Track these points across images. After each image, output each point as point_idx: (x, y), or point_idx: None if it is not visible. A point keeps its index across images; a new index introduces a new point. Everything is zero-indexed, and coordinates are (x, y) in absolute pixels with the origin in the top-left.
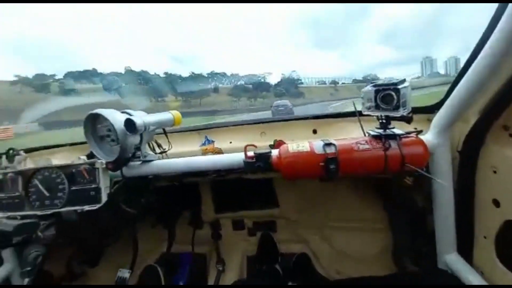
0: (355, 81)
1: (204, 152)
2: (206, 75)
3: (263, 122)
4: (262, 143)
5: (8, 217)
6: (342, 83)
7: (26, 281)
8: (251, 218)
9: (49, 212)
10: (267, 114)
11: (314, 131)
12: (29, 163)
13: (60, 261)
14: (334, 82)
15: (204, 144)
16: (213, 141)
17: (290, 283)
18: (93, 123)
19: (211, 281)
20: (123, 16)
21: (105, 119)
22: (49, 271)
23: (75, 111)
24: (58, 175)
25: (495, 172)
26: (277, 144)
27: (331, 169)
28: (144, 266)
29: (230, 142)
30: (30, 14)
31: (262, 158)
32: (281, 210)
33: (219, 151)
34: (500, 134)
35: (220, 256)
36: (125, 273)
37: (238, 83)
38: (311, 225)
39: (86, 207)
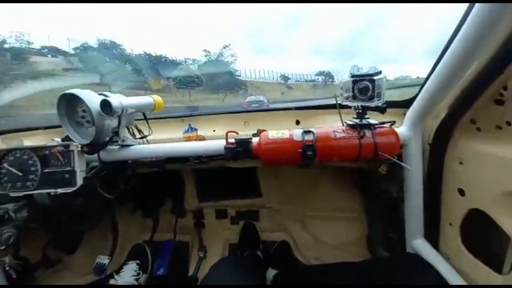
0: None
1: (187, 139)
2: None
3: (246, 111)
4: (245, 132)
5: None
6: (296, 81)
7: (6, 260)
8: (234, 207)
9: (21, 194)
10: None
11: (297, 122)
12: (0, 145)
13: (36, 247)
14: (285, 78)
15: (187, 131)
16: (196, 129)
17: (270, 268)
18: (69, 104)
19: (192, 267)
20: None
21: (80, 100)
22: (24, 257)
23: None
24: (30, 157)
25: (461, 163)
26: (260, 133)
27: (308, 155)
28: (132, 245)
29: (214, 131)
30: None
31: (243, 144)
32: (263, 200)
33: (202, 139)
34: (468, 127)
35: (203, 243)
36: (104, 260)
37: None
38: (292, 214)
39: (60, 190)
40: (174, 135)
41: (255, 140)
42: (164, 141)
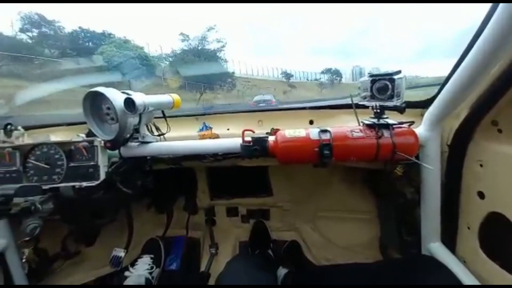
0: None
1: (202, 137)
2: None
3: (260, 111)
4: (260, 131)
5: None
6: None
7: (26, 251)
8: (245, 206)
9: (47, 186)
10: None
11: (311, 122)
12: (27, 139)
13: (56, 239)
14: (287, 75)
15: (202, 129)
16: (210, 127)
17: (281, 267)
18: (93, 101)
19: (204, 264)
20: None
21: (105, 98)
22: (44, 248)
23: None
24: (56, 151)
25: (481, 165)
26: (274, 132)
27: (325, 154)
28: (146, 240)
29: (228, 129)
30: None
31: (259, 142)
32: (274, 199)
33: (217, 137)
34: (489, 129)
35: (214, 240)
36: (120, 252)
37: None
38: (303, 214)
39: (84, 184)
40: (189, 132)
41: (271, 138)
42: (180, 139)
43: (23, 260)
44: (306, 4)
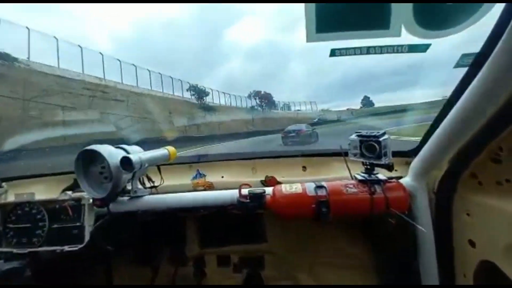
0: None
1: (195, 186)
2: None
3: (254, 158)
4: (253, 179)
5: None
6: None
7: None
8: (238, 253)
9: (25, 251)
10: None
11: (304, 168)
12: (10, 195)
13: None
14: (199, 93)
15: (195, 177)
16: (204, 175)
17: None
18: (84, 158)
19: None
20: None
21: (99, 156)
22: None
23: None
24: (39, 211)
25: (468, 214)
26: (269, 181)
27: (323, 212)
28: None
29: (222, 177)
30: None
31: (257, 198)
32: (269, 246)
33: (211, 185)
34: (469, 181)
35: None
36: None
37: None
38: (299, 261)
39: (66, 247)
40: (182, 181)
41: (268, 191)
42: (172, 188)
43: None
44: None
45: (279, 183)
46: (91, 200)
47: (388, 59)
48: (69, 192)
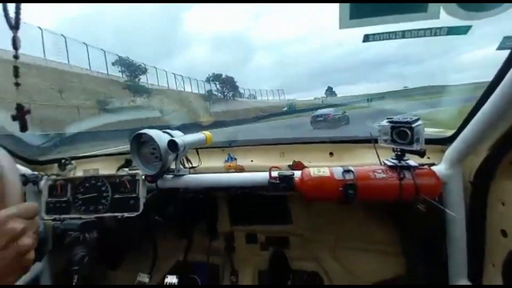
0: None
1: (227, 168)
2: None
3: (282, 144)
4: (281, 163)
5: (54, 219)
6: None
7: (75, 278)
8: (264, 233)
9: (93, 216)
10: None
11: (331, 154)
12: (79, 171)
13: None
14: (130, 68)
15: (227, 160)
16: (235, 158)
17: None
18: (137, 140)
19: None
20: None
21: (150, 138)
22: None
23: None
24: (103, 184)
25: (503, 204)
26: (296, 165)
27: (349, 194)
28: (171, 264)
29: (252, 161)
30: None
31: (286, 180)
32: (294, 227)
33: (242, 168)
34: (509, 169)
35: (234, 267)
36: (144, 278)
37: None
38: (323, 243)
39: (126, 214)
40: (216, 163)
41: (297, 175)
42: (207, 169)
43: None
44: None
45: (306, 167)
46: (143, 176)
47: (349, 55)
48: (126, 169)
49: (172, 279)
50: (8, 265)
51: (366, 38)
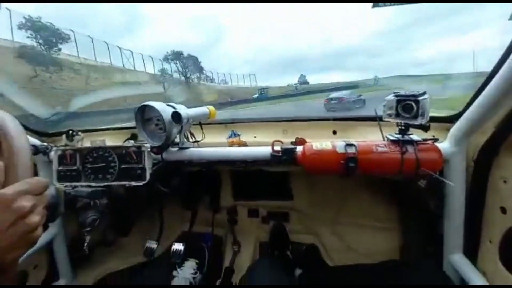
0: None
1: (230, 144)
2: None
3: (285, 121)
4: (284, 140)
5: (66, 186)
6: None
7: (87, 239)
8: (266, 208)
9: (102, 184)
10: None
11: (334, 132)
12: (86, 143)
13: (97, 229)
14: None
15: (230, 136)
16: (239, 134)
17: (297, 268)
18: (142, 113)
19: (227, 260)
20: None
21: (155, 111)
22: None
23: None
24: (110, 154)
25: (505, 182)
26: (299, 142)
27: (350, 166)
28: (178, 233)
29: (255, 137)
30: None
31: (288, 153)
32: (294, 203)
33: (244, 144)
34: None
35: (236, 238)
36: (152, 244)
37: None
38: (322, 219)
39: (133, 183)
40: (219, 139)
41: (299, 149)
42: (211, 145)
43: (85, 245)
44: None
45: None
46: (149, 148)
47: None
48: (132, 141)
49: (178, 246)
50: (16, 241)
51: (376, 4)
